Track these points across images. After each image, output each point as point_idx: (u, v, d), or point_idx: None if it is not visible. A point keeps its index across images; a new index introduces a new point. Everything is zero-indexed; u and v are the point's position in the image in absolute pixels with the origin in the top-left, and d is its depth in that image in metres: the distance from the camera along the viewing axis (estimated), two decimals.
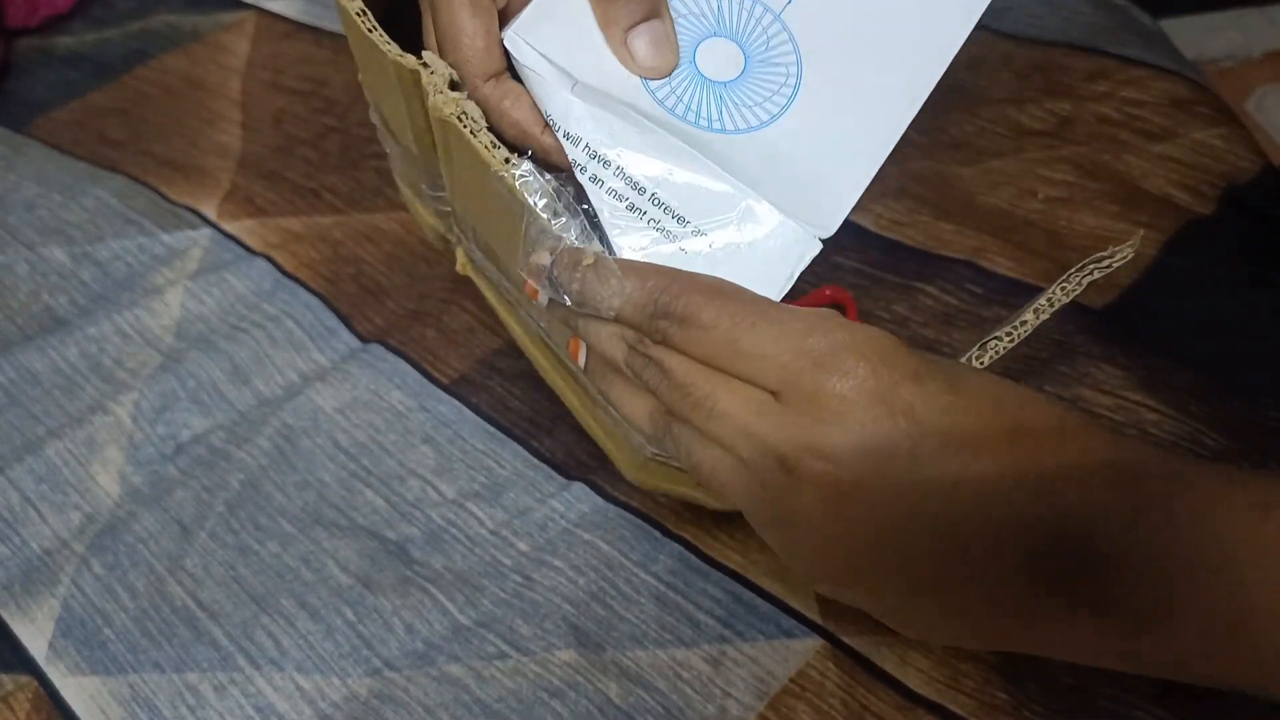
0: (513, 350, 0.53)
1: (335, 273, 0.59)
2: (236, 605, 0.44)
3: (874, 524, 0.27)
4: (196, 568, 0.46)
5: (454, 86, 0.33)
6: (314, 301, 0.57)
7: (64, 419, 0.52)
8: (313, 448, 0.50)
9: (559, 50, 0.35)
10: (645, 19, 0.34)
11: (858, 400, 0.27)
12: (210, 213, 0.63)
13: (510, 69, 0.35)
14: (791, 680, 0.39)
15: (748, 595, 0.42)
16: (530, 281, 0.32)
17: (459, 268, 0.50)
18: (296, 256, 0.60)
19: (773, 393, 0.28)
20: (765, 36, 0.34)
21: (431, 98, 0.33)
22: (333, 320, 0.56)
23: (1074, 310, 0.49)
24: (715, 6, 0.34)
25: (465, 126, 0.32)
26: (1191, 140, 0.57)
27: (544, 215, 0.31)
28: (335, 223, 0.62)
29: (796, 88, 0.34)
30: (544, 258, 0.31)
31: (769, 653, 0.40)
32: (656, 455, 0.38)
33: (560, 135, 0.34)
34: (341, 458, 0.49)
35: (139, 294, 0.58)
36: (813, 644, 0.40)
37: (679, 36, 0.35)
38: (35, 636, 0.44)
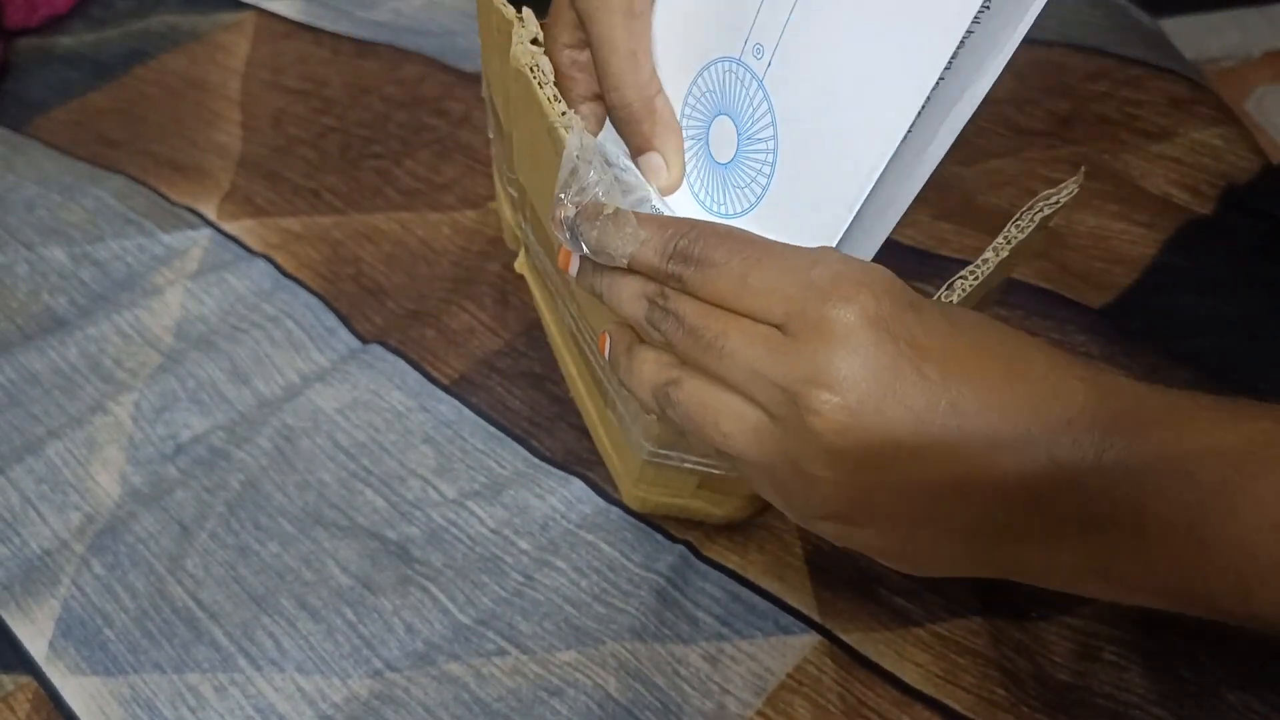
0: (513, 351, 0.53)
1: (335, 273, 0.59)
2: (237, 606, 0.44)
3: (882, 448, 0.28)
4: (197, 568, 0.46)
5: (536, 44, 0.35)
6: (314, 302, 0.57)
7: (64, 419, 0.52)
8: (313, 448, 0.50)
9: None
10: (639, 152, 0.37)
11: (860, 326, 0.28)
12: (210, 213, 0.63)
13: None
14: (789, 676, 0.40)
15: (746, 594, 0.42)
16: (557, 234, 0.34)
17: (516, 266, 0.50)
18: (296, 257, 0.60)
19: (780, 327, 0.29)
20: (751, 107, 0.34)
21: (514, 47, 0.35)
22: (332, 320, 0.56)
23: (1074, 310, 0.49)
24: (720, 81, 0.35)
25: (534, 78, 0.34)
26: (1191, 140, 0.57)
27: (581, 163, 0.32)
28: (335, 223, 0.62)
29: (773, 167, 0.35)
30: (569, 210, 0.32)
31: (767, 649, 0.40)
32: (654, 455, 0.38)
33: None
34: (342, 458, 0.49)
35: (139, 294, 0.58)
36: (810, 640, 0.40)
37: (697, 114, 0.37)
38: (35, 637, 0.44)
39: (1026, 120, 0.60)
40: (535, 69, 0.34)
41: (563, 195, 0.32)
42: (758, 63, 0.33)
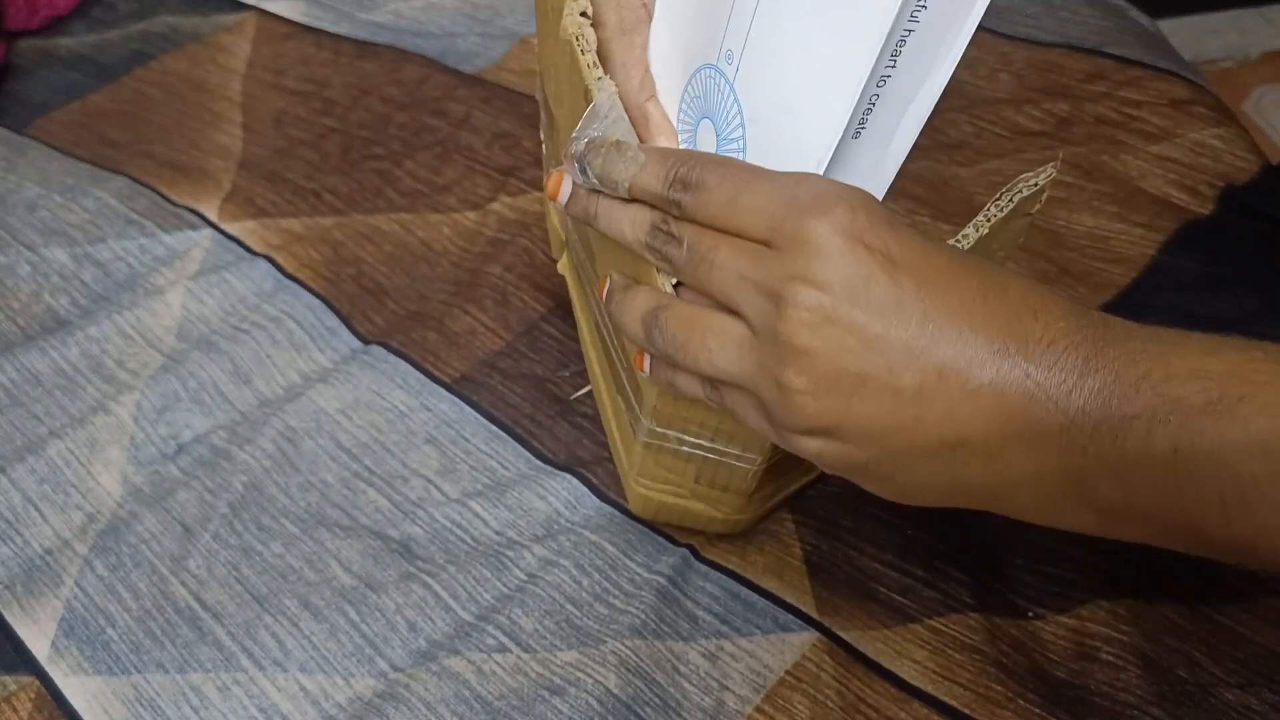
0: (514, 351, 0.53)
1: (336, 274, 0.59)
2: (240, 606, 0.44)
3: (854, 350, 0.29)
4: (199, 568, 0.46)
5: (584, 16, 0.37)
6: (315, 302, 0.57)
7: (66, 419, 0.53)
8: (315, 448, 0.50)
9: None
10: None
11: (834, 234, 0.29)
12: (211, 214, 0.63)
13: None
14: (788, 673, 0.40)
15: (745, 592, 0.42)
16: (563, 169, 0.35)
17: (559, 267, 0.51)
18: (297, 257, 0.60)
19: (765, 243, 0.31)
20: (726, 109, 0.36)
21: (564, 19, 0.37)
22: (333, 321, 0.56)
23: None
24: (703, 86, 0.37)
25: (578, 45, 0.36)
26: (1190, 140, 0.57)
27: (604, 116, 0.34)
28: (336, 224, 0.62)
29: None
30: (579, 146, 0.34)
31: (765, 647, 0.41)
32: (653, 435, 0.39)
33: None
34: (344, 458, 0.49)
35: (140, 295, 0.58)
36: (809, 638, 0.41)
37: (688, 117, 0.38)
38: (38, 637, 0.44)
39: (1025, 121, 0.60)
40: (580, 38, 0.36)
41: (578, 136, 0.34)
42: (729, 68, 0.35)
